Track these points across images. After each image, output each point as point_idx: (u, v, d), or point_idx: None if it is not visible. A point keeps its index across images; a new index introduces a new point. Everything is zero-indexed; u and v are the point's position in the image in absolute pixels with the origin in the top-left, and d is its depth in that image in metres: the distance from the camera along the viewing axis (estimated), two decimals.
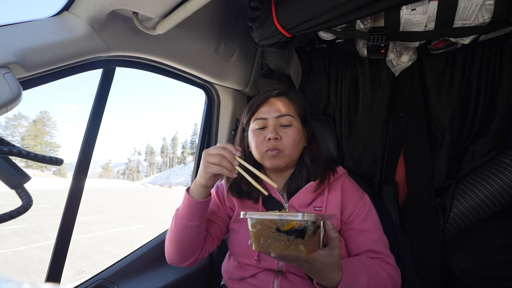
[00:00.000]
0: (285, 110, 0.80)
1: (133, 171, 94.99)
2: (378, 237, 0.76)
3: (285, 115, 0.79)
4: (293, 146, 0.78)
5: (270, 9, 0.90)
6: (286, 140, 0.77)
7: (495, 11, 0.78)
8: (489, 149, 1.04)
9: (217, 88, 1.35)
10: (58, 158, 0.49)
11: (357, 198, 0.80)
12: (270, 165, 0.78)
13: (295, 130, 0.79)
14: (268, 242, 0.52)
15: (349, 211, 0.78)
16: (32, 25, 0.71)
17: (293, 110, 0.82)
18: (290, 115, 0.79)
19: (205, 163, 0.67)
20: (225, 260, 0.89)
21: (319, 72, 1.32)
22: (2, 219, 0.42)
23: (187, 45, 1.06)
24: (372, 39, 0.90)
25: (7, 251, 5.18)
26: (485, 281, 1.00)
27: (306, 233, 0.50)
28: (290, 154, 0.78)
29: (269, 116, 0.79)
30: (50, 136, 64.12)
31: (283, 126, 0.79)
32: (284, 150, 0.77)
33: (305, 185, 0.80)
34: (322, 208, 0.77)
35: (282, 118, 0.79)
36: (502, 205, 0.98)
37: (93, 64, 0.87)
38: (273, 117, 0.79)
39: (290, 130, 0.78)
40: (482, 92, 1.06)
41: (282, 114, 0.79)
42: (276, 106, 0.80)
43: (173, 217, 0.77)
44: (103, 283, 0.93)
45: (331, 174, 0.82)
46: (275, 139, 0.76)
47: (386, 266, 0.71)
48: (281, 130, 0.78)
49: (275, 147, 0.76)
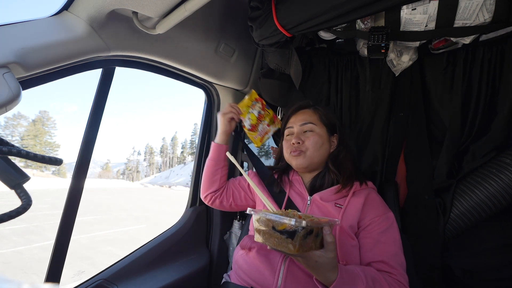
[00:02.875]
0: (308, 119, 0.96)
1: (133, 171, 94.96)
2: (395, 253, 0.77)
3: (308, 123, 0.95)
4: (314, 148, 0.91)
5: (270, 8, 0.90)
6: (307, 143, 0.92)
7: (495, 11, 0.78)
8: (490, 149, 1.04)
9: (217, 88, 1.35)
10: (58, 158, 0.48)
11: (381, 211, 0.84)
12: (295, 164, 0.94)
13: (316, 135, 0.93)
14: (265, 236, 0.62)
15: (370, 219, 0.81)
16: (32, 25, 0.71)
17: (316, 119, 0.96)
18: (312, 122, 0.95)
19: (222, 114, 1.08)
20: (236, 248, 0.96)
21: (319, 72, 1.32)
22: (1, 219, 0.42)
23: (187, 44, 1.06)
24: (373, 39, 0.89)
25: (6, 251, 5.17)
26: (485, 281, 1.00)
27: (296, 235, 0.57)
28: (311, 155, 0.91)
29: (295, 125, 0.97)
30: (50, 136, 64.08)
31: (306, 132, 0.94)
32: (305, 151, 0.91)
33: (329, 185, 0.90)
34: (343, 206, 0.83)
35: (305, 126, 0.95)
36: (503, 205, 0.98)
37: (93, 64, 0.87)
38: (298, 125, 0.96)
39: (311, 135, 0.93)
40: (482, 92, 1.06)
41: (305, 122, 0.95)
42: (301, 116, 0.97)
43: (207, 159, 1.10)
44: (103, 283, 0.92)
45: (358, 182, 0.89)
46: (298, 143, 0.92)
47: (396, 284, 0.71)
48: (304, 135, 0.94)
49: (297, 148, 0.92)
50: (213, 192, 1.07)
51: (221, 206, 1.08)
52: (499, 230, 1.02)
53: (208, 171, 1.07)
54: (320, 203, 0.86)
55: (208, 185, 1.07)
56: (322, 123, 0.96)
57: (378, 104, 1.18)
